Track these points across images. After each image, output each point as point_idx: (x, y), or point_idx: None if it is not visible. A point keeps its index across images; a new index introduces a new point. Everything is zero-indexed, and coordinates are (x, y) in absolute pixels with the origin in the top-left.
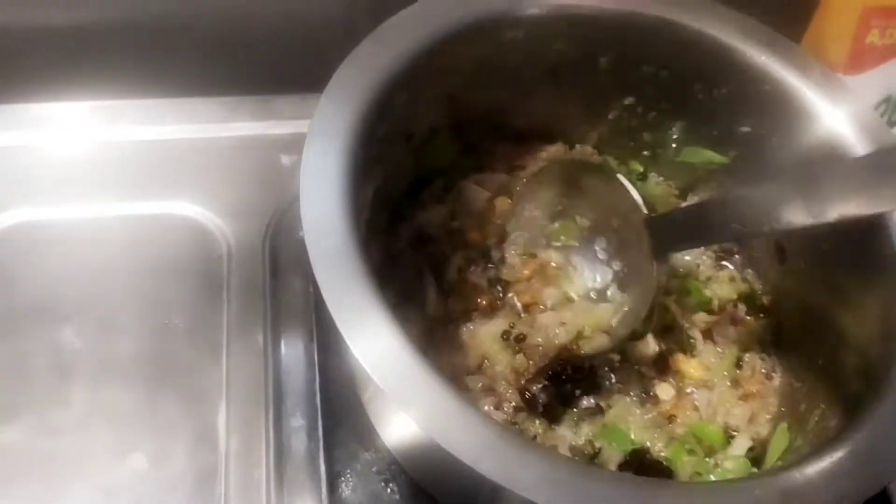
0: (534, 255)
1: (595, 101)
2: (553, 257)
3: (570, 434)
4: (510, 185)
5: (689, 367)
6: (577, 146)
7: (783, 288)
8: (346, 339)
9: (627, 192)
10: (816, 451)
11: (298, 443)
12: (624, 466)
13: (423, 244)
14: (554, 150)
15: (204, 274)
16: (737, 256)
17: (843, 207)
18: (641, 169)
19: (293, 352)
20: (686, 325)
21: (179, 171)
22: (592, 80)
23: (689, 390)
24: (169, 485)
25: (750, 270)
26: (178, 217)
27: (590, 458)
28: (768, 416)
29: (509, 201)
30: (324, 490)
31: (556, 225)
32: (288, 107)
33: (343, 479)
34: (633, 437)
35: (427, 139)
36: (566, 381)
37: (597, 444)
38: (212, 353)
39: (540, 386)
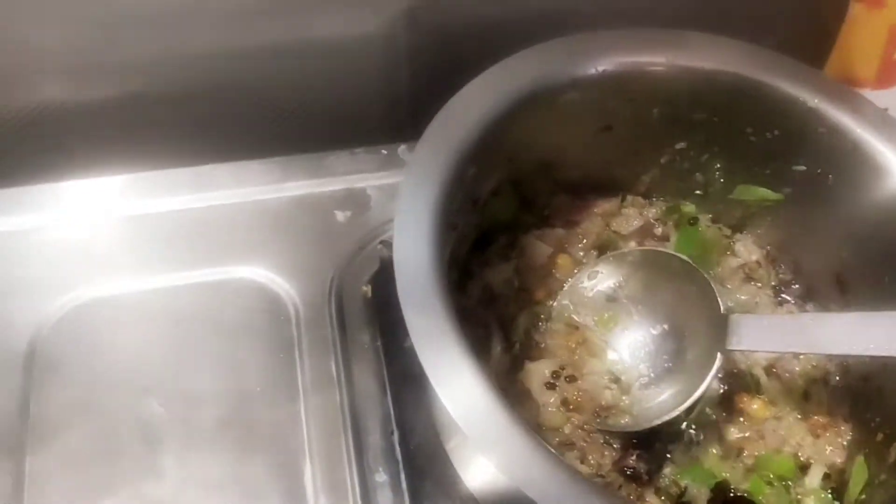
0: (576, 328)
1: (647, 149)
2: (594, 335)
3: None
4: (568, 241)
5: (754, 404)
6: (629, 197)
7: None
8: (434, 387)
9: (707, 285)
10: None
11: (384, 498)
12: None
13: (491, 301)
14: (608, 207)
15: (274, 335)
16: (795, 287)
17: None
18: (693, 211)
19: (369, 406)
20: (747, 364)
21: (239, 235)
22: (645, 131)
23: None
24: None
25: (811, 304)
26: (243, 281)
27: (677, 498)
28: (843, 446)
29: (570, 258)
30: None
31: (608, 313)
32: (339, 163)
33: None
34: (713, 471)
35: (490, 199)
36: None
37: (682, 483)
38: (290, 413)
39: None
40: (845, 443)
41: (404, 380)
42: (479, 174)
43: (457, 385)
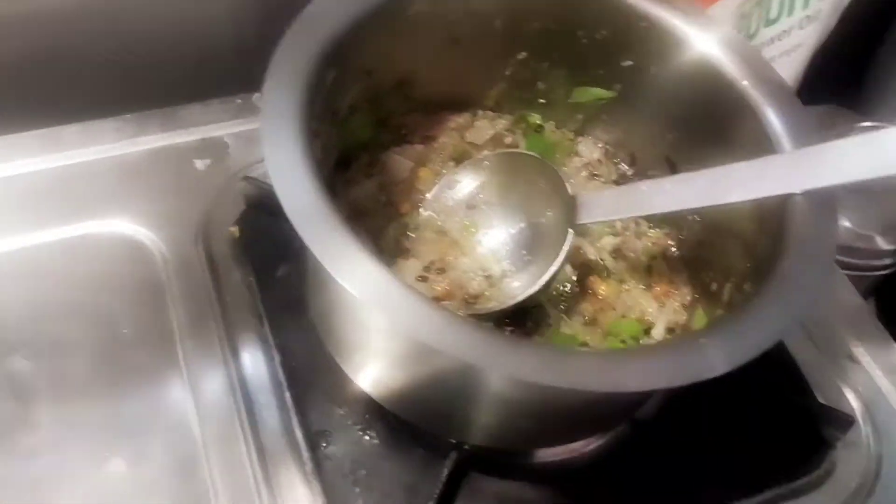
0: (444, 234)
1: (492, 62)
2: (461, 239)
3: None
4: (428, 156)
5: (604, 285)
6: (479, 112)
7: None
8: (329, 271)
9: (555, 174)
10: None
11: (271, 416)
12: None
13: (358, 217)
14: (461, 121)
15: (144, 283)
16: (633, 176)
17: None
18: (539, 121)
19: (247, 337)
20: (596, 252)
21: (98, 190)
22: (489, 43)
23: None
24: (154, 481)
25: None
26: (106, 234)
27: None
28: (684, 306)
29: (430, 171)
30: (305, 453)
31: (469, 216)
32: (193, 114)
33: (322, 437)
34: (576, 337)
35: (348, 116)
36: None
37: None
38: (168, 353)
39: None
40: (685, 303)
41: (280, 307)
42: (338, 81)
43: (349, 265)
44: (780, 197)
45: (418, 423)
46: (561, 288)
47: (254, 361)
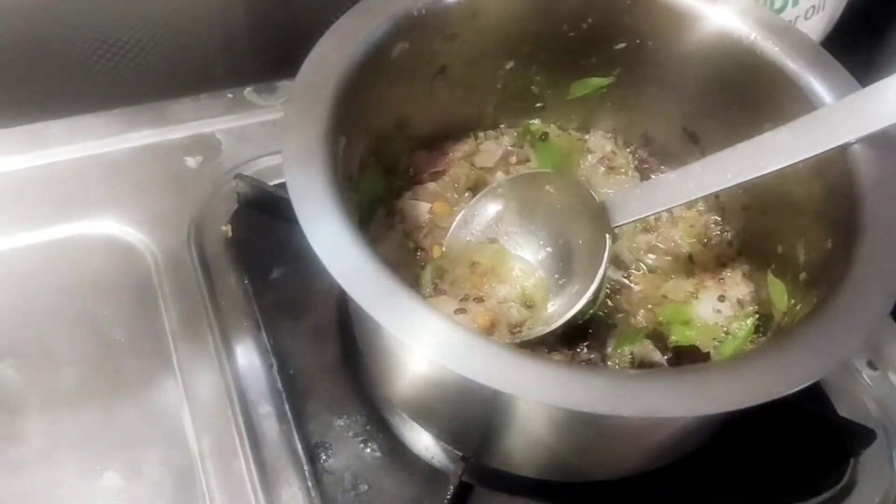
0: (477, 265)
1: (482, 79)
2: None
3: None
4: (442, 192)
5: (647, 282)
6: (481, 133)
7: None
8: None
9: (576, 185)
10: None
11: (270, 428)
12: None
13: (393, 271)
14: (466, 148)
15: (134, 286)
16: (653, 158)
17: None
18: (540, 126)
19: (244, 343)
20: (632, 253)
21: (84, 190)
22: (474, 62)
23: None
24: (150, 495)
25: (672, 166)
26: (93, 236)
27: (634, 365)
28: (743, 276)
29: (446, 204)
30: (305, 465)
31: (495, 247)
32: (183, 110)
33: (322, 450)
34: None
35: (360, 176)
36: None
37: (626, 351)
38: (161, 359)
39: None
40: (744, 273)
41: (277, 311)
42: (349, 146)
43: (401, 315)
44: (836, 151)
45: (436, 436)
46: (607, 295)
47: (251, 369)
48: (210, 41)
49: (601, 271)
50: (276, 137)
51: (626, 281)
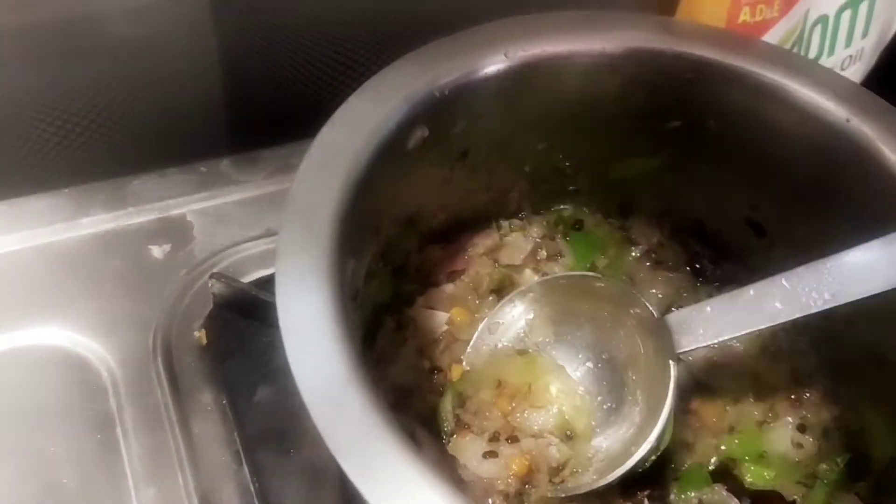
0: (504, 385)
1: (508, 163)
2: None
3: None
4: (462, 296)
5: (707, 408)
6: (504, 223)
7: None
8: None
9: (626, 293)
10: None
11: None
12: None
13: (406, 400)
14: (489, 242)
15: (88, 414)
16: (709, 251)
17: None
18: (573, 213)
19: (222, 483)
20: (688, 372)
21: (29, 289)
22: (500, 144)
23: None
24: None
25: (731, 262)
26: (38, 349)
27: None
28: (823, 396)
29: (466, 310)
30: None
31: (524, 364)
32: (147, 187)
33: None
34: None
35: (365, 287)
36: None
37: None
38: None
39: None
40: (826, 393)
41: (262, 442)
42: (357, 264)
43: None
44: None
45: None
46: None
47: None
48: (180, 105)
49: (666, 407)
50: (258, 218)
51: (685, 406)
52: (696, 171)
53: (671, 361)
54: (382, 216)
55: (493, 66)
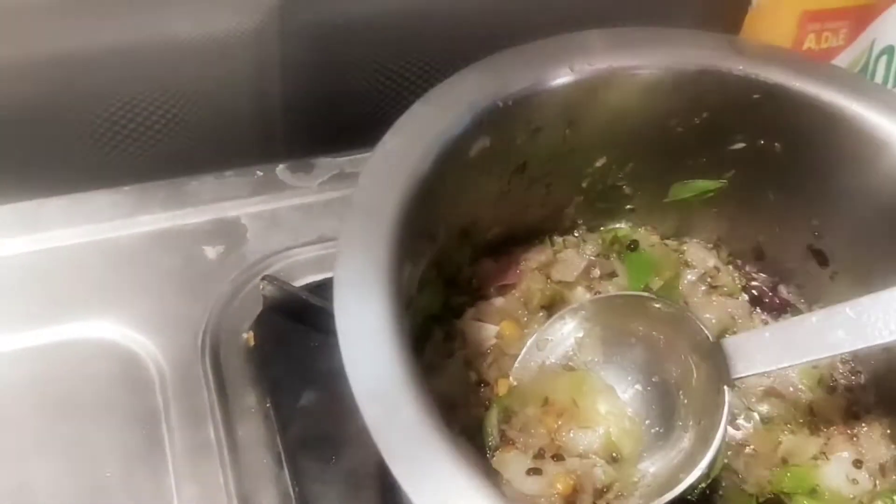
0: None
1: (565, 178)
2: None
3: None
4: (512, 310)
5: (762, 439)
6: (557, 238)
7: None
8: None
9: (681, 316)
10: None
11: None
12: None
13: (451, 412)
14: (542, 258)
15: (133, 406)
16: (767, 277)
17: None
18: (629, 233)
19: (263, 485)
20: (742, 401)
21: (82, 283)
22: (559, 157)
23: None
24: None
25: (791, 289)
26: (90, 342)
27: None
28: (887, 434)
29: (515, 324)
30: None
31: (573, 382)
32: (204, 189)
33: None
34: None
35: (418, 296)
36: None
37: None
38: None
39: None
40: (885, 430)
41: (304, 447)
42: (413, 269)
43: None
44: None
45: None
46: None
47: None
48: (239, 110)
49: (719, 434)
50: (312, 224)
51: (737, 434)
52: (760, 196)
53: (725, 387)
54: (439, 225)
55: (559, 79)
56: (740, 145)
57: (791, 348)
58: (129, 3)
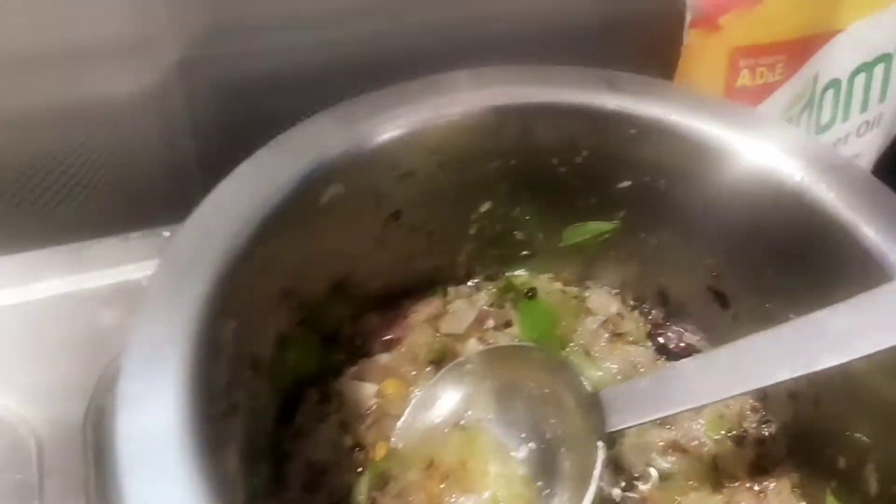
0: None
1: (450, 225)
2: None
3: None
4: (397, 367)
5: (660, 494)
6: (451, 289)
7: None
8: None
9: (564, 367)
10: None
11: None
12: None
13: (320, 479)
14: (431, 309)
15: (9, 483)
16: (671, 324)
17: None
18: (527, 280)
19: None
20: (641, 455)
21: None
22: (439, 204)
23: None
24: None
25: (699, 335)
26: None
27: None
28: (792, 491)
29: (400, 382)
30: None
31: (461, 442)
32: (107, 252)
33: None
34: None
35: (277, 354)
36: None
37: None
38: None
39: None
40: (794, 485)
41: None
42: (243, 328)
43: None
44: None
45: None
46: None
47: None
48: (150, 171)
49: (590, 493)
50: None
51: (632, 496)
52: (654, 236)
53: (599, 442)
54: (295, 278)
55: (422, 122)
56: (626, 183)
57: (669, 397)
58: (25, 64)
